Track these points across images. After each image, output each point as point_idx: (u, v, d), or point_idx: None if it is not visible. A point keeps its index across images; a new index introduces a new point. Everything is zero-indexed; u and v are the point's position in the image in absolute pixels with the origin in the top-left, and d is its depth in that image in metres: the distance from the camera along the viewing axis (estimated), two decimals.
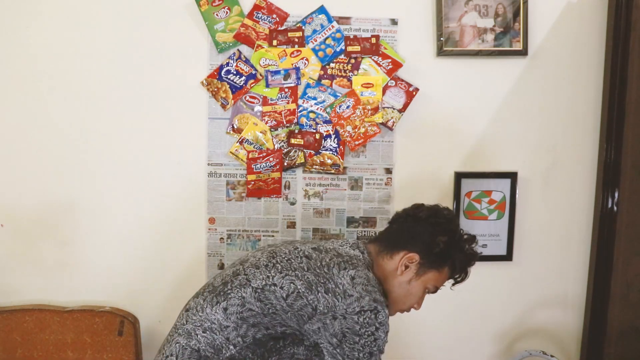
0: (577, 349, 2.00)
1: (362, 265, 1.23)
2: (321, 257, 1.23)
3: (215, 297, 1.21)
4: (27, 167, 1.84)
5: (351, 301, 1.13)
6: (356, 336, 1.11)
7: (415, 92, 1.83)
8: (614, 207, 1.84)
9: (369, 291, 1.15)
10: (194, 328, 1.20)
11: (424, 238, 1.30)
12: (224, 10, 1.79)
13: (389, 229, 1.39)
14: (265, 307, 1.17)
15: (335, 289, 1.15)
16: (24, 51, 1.79)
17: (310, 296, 1.15)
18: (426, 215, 1.33)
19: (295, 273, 1.18)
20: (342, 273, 1.18)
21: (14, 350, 1.83)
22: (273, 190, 1.85)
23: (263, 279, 1.19)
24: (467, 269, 1.36)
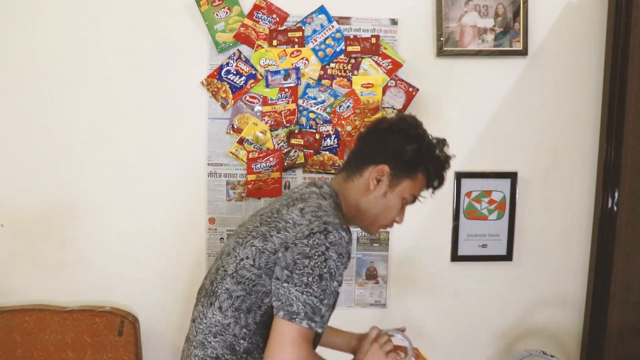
0: (577, 349, 2.00)
1: (316, 198, 1.17)
2: (272, 206, 1.20)
3: (209, 299, 1.18)
4: (27, 167, 1.84)
5: (300, 228, 1.09)
6: (306, 259, 1.05)
7: (415, 92, 1.83)
8: (614, 207, 1.84)
9: (318, 216, 1.10)
10: (205, 337, 1.15)
11: (390, 148, 1.23)
12: (224, 10, 1.79)
13: (353, 151, 1.31)
14: (246, 285, 1.12)
15: (285, 225, 1.12)
16: (24, 51, 1.79)
17: (267, 245, 1.11)
18: (388, 125, 1.26)
19: (252, 235, 1.15)
20: (290, 209, 1.14)
21: (14, 350, 1.83)
22: (273, 190, 1.85)
23: (234, 262, 1.15)
24: (442, 174, 1.28)
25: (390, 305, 1.95)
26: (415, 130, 1.26)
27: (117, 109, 1.82)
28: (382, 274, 1.93)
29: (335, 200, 1.21)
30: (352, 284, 1.93)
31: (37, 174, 1.84)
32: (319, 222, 1.08)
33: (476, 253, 1.92)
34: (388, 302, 1.95)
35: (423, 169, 1.25)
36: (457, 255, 1.92)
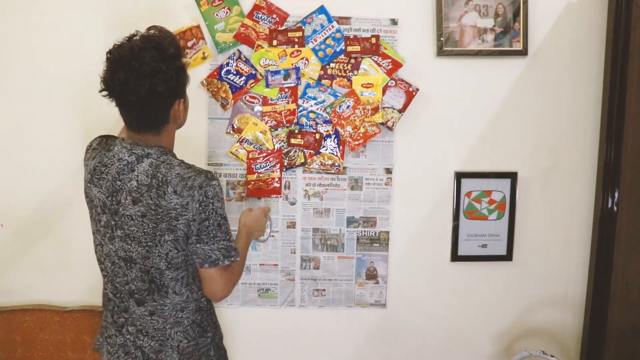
0: (577, 349, 2.00)
1: (165, 169, 1.23)
2: (138, 202, 1.24)
3: (158, 293, 1.29)
4: (27, 167, 1.84)
5: (189, 203, 1.22)
6: (206, 221, 1.24)
7: (415, 92, 1.83)
8: (614, 207, 1.84)
9: (190, 187, 1.23)
10: (175, 317, 1.32)
11: (171, 92, 1.24)
12: (224, 10, 1.79)
13: (139, 113, 1.26)
14: (183, 265, 1.29)
15: (176, 211, 1.22)
16: (24, 51, 1.79)
17: (178, 233, 1.24)
18: (164, 81, 1.21)
19: (157, 234, 1.23)
20: (167, 197, 1.21)
21: (14, 350, 1.83)
22: (273, 190, 1.85)
23: (160, 260, 1.26)
24: (174, 53, 1.26)
25: (390, 305, 1.95)
26: (170, 57, 1.24)
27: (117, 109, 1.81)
28: (382, 274, 1.93)
29: (173, 154, 1.31)
30: (352, 284, 1.93)
31: (37, 174, 1.84)
32: (197, 191, 1.21)
33: (476, 253, 1.92)
34: (388, 302, 1.95)
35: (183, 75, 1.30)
36: (457, 255, 1.92)
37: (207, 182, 1.23)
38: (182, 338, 1.31)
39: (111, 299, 1.33)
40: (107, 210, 1.26)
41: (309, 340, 1.96)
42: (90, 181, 1.29)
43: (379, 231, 1.91)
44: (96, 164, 1.29)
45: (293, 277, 1.92)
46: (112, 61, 1.20)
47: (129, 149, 1.25)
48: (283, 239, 1.90)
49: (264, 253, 1.90)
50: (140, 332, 1.30)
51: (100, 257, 1.33)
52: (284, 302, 1.93)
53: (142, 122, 1.26)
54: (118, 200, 1.24)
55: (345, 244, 1.91)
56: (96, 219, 1.30)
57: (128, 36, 1.24)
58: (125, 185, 1.23)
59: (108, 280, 1.33)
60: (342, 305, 1.94)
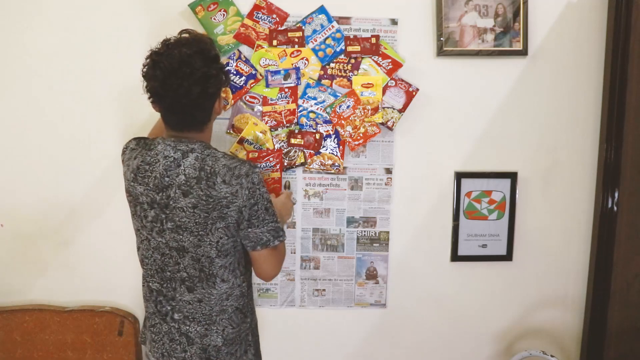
0: (577, 349, 2.00)
1: (211, 161, 1.31)
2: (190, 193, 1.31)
3: (206, 282, 1.36)
4: (27, 167, 1.84)
5: (238, 190, 1.31)
6: (256, 206, 1.34)
7: (415, 92, 1.83)
8: (614, 207, 1.84)
9: (238, 175, 1.31)
10: (220, 306, 1.40)
11: (216, 92, 1.35)
12: (221, 13, 1.79)
13: (188, 113, 1.34)
14: (231, 251, 1.37)
15: (227, 199, 1.30)
16: (24, 51, 1.79)
17: (229, 220, 1.32)
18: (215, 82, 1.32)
19: (209, 222, 1.31)
20: (217, 187, 1.29)
21: (14, 350, 1.83)
22: (273, 190, 1.85)
23: (211, 247, 1.33)
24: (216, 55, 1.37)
25: (390, 305, 1.95)
26: (213, 59, 1.34)
27: (117, 109, 1.82)
28: (382, 274, 1.93)
29: (214, 148, 1.38)
30: (352, 284, 1.93)
31: (37, 174, 1.84)
32: (245, 179, 1.30)
33: (476, 253, 1.92)
34: (388, 302, 1.95)
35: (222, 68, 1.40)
36: (457, 255, 1.92)
37: (252, 170, 1.32)
38: (227, 324, 1.39)
39: (155, 290, 1.40)
40: (155, 205, 1.32)
41: (309, 340, 1.96)
42: (134, 180, 1.34)
43: (379, 231, 1.91)
44: (139, 163, 1.34)
45: (293, 277, 1.92)
46: (163, 69, 1.27)
47: (174, 146, 1.32)
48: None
49: None
50: (187, 318, 1.37)
51: (147, 252, 1.39)
52: (284, 302, 1.93)
53: (189, 122, 1.34)
54: (168, 195, 1.30)
55: (345, 244, 1.91)
56: (141, 216, 1.35)
57: (164, 42, 1.32)
58: (173, 180, 1.30)
59: (154, 272, 1.39)
60: (342, 305, 1.94)
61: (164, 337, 1.40)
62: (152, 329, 1.42)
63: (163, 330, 1.40)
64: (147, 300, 1.45)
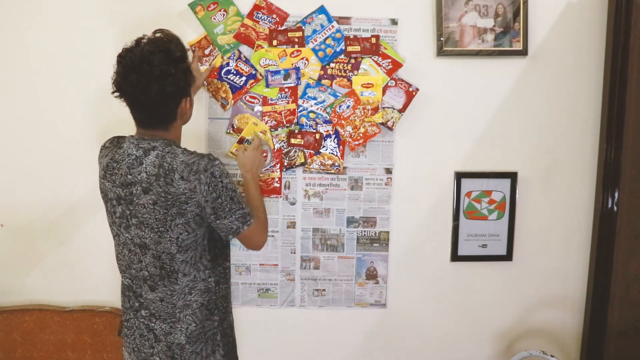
0: (577, 349, 2.00)
1: (170, 158, 1.32)
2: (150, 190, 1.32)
3: (168, 279, 1.36)
4: (27, 167, 1.84)
5: (198, 186, 1.31)
6: (220, 199, 1.35)
7: (415, 92, 1.83)
8: (614, 207, 1.84)
9: (196, 171, 1.31)
10: (184, 300, 1.39)
11: (179, 91, 1.34)
12: (221, 13, 1.79)
13: (152, 109, 1.35)
14: (192, 246, 1.37)
15: (186, 194, 1.30)
16: (24, 51, 1.80)
17: (188, 215, 1.32)
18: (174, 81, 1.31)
19: (168, 219, 1.31)
20: (175, 183, 1.30)
21: (14, 350, 1.83)
22: (273, 190, 1.85)
23: (171, 243, 1.33)
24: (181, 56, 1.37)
25: (390, 305, 1.95)
26: (176, 60, 1.34)
27: (117, 109, 1.81)
28: (382, 274, 1.93)
29: (177, 145, 1.39)
30: (352, 284, 1.93)
31: (37, 174, 1.84)
32: (203, 174, 1.30)
33: (476, 253, 1.92)
34: (388, 302, 1.95)
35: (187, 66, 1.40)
36: (457, 255, 1.92)
37: (211, 164, 1.32)
38: (191, 321, 1.39)
39: (128, 285, 1.43)
40: (122, 201, 1.35)
41: (309, 340, 1.96)
42: (104, 177, 1.38)
43: (379, 231, 1.91)
44: (108, 160, 1.38)
45: (293, 277, 1.92)
46: (124, 65, 1.30)
47: (136, 144, 1.34)
48: (283, 239, 1.90)
49: (264, 253, 1.90)
50: (153, 316, 1.39)
51: (118, 247, 1.42)
52: (284, 302, 1.93)
53: (152, 120, 1.36)
54: (131, 192, 1.33)
55: (345, 244, 1.91)
56: (111, 212, 1.39)
57: (136, 40, 1.33)
58: (136, 177, 1.32)
59: (125, 267, 1.42)
60: (342, 305, 1.94)
61: (135, 332, 1.42)
62: (126, 324, 1.45)
63: (135, 325, 1.42)
64: (122, 295, 1.47)
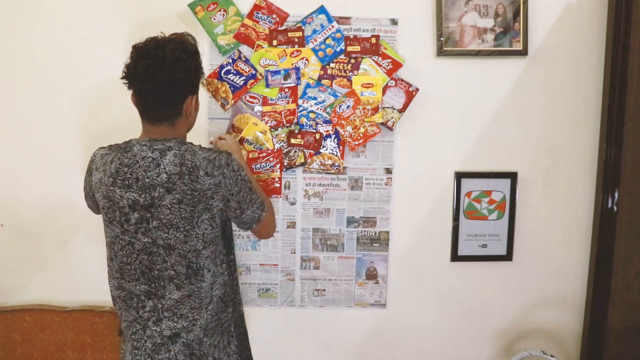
0: (577, 349, 2.00)
1: (190, 154, 1.32)
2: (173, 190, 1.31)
3: (195, 278, 1.35)
4: (28, 167, 1.84)
5: (220, 180, 1.32)
6: (242, 192, 1.38)
7: (415, 92, 1.83)
8: (614, 207, 1.84)
9: (218, 166, 1.32)
10: (209, 295, 1.39)
11: (187, 85, 1.34)
12: (220, 13, 1.79)
13: (158, 106, 1.35)
14: (214, 240, 1.39)
15: (211, 189, 1.31)
16: (24, 51, 1.80)
17: (214, 210, 1.34)
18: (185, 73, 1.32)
19: (195, 215, 1.32)
20: (200, 179, 1.30)
21: (14, 350, 1.83)
22: (273, 190, 1.85)
23: (197, 240, 1.34)
24: (195, 51, 1.37)
25: (390, 305, 1.95)
26: (189, 54, 1.34)
27: (117, 109, 1.82)
28: (382, 274, 1.93)
29: (190, 142, 1.38)
30: (352, 284, 1.93)
31: (38, 174, 1.84)
32: (226, 168, 1.33)
33: (476, 253, 1.92)
34: (388, 302, 1.95)
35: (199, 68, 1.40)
36: (457, 255, 1.92)
37: (230, 159, 1.34)
38: (210, 315, 1.38)
39: (143, 292, 1.35)
40: (138, 207, 1.30)
41: (309, 340, 1.96)
42: (113, 184, 1.31)
43: (379, 231, 1.91)
44: (117, 166, 1.31)
45: (293, 277, 1.92)
46: (137, 51, 1.30)
47: (150, 146, 1.31)
48: (283, 239, 1.90)
49: (264, 253, 1.90)
50: (175, 315, 1.35)
51: (129, 257, 1.34)
52: (284, 302, 1.93)
53: (158, 112, 1.34)
54: (152, 195, 1.29)
55: (345, 244, 1.91)
56: (121, 220, 1.32)
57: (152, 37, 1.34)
58: (155, 180, 1.29)
59: (140, 274, 1.35)
60: (342, 305, 1.94)
61: (147, 342, 1.35)
62: (134, 337, 1.37)
63: (146, 335, 1.35)
64: (127, 309, 1.38)
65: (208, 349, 1.38)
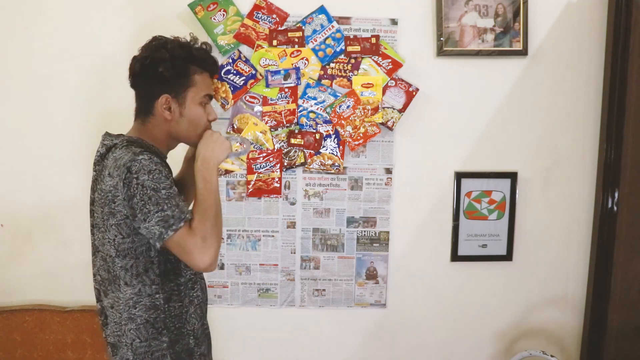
0: (577, 349, 2.00)
1: (121, 154, 1.20)
2: (95, 188, 1.27)
3: (114, 284, 1.26)
4: (28, 167, 1.84)
5: (119, 183, 1.18)
6: (134, 198, 1.16)
7: (415, 92, 1.83)
8: (614, 207, 1.84)
9: (118, 166, 1.18)
10: (129, 312, 1.26)
11: (154, 80, 1.27)
12: (220, 13, 1.79)
13: (136, 99, 1.34)
14: (131, 253, 1.24)
15: (113, 193, 1.19)
16: (24, 51, 1.80)
17: (117, 216, 1.20)
18: (139, 65, 1.29)
19: (104, 218, 1.23)
20: (104, 180, 1.21)
21: (14, 350, 1.83)
22: (273, 190, 1.85)
23: (110, 246, 1.23)
24: (203, 55, 1.33)
25: (390, 305, 1.95)
26: (154, 48, 1.30)
27: (117, 109, 1.82)
28: (382, 274, 1.93)
29: (140, 143, 1.26)
30: (352, 284, 1.93)
31: (37, 174, 1.84)
32: (121, 169, 1.16)
33: (476, 253, 1.92)
34: (388, 302, 1.95)
35: (191, 70, 1.31)
36: (457, 255, 1.92)
37: (132, 158, 1.16)
38: (135, 337, 1.26)
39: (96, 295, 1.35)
40: (90, 204, 1.30)
41: (309, 340, 1.96)
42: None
43: (379, 231, 1.91)
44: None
45: (293, 277, 1.92)
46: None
47: (102, 141, 1.28)
48: (283, 239, 1.90)
49: (264, 253, 1.90)
50: (108, 324, 1.31)
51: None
52: (284, 302, 1.93)
53: (136, 104, 1.32)
54: (93, 192, 1.28)
55: (345, 244, 1.91)
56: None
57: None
58: (95, 177, 1.27)
59: (94, 274, 1.34)
60: (342, 305, 1.94)
61: (103, 335, 1.35)
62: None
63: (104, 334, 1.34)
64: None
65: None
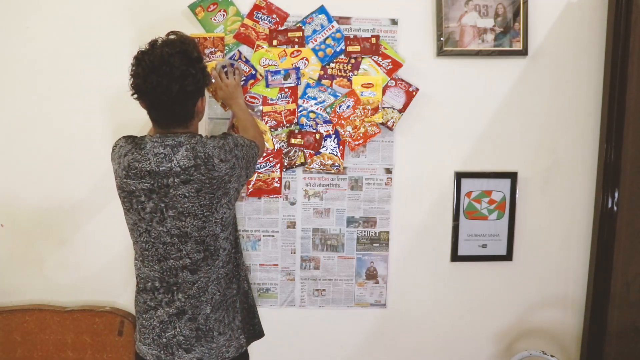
0: (577, 349, 2.00)
1: (193, 145, 1.36)
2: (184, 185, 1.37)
3: (211, 259, 1.42)
4: (27, 167, 1.84)
5: (222, 153, 1.39)
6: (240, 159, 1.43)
7: (415, 92, 1.83)
8: (614, 207, 1.84)
9: (221, 145, 1.40)
10: (217, 273, 1.45)
11: (193, 90, 1.37)
12: (221, 13, 1.79)
13: (177, 108, 1.39)
14: (230, 220, 1.48)
15: (220, 173, 1.38)
16: (24, 51, 1.79)
17: (230, 188, 1.42)
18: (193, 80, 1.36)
19: (214, 201, 1.38)
20: (214, 164, 1.37)
21: (14, 350, 1.83)
22: (273, 190, 1.85)
23: (216, 225, 1.41)
24: (198, 57, 1.41)
25: (390, 305, 1.95)
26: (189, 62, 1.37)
27: (117, 109, 1.82)
28: (382, 274, 1.93)
29: (200, 134, 1.43)
30: (352, 284, 1.93)
31: (37, 174, 1.84)
32: (230, 150, 1.40)
33: (476, 253, 1.92)
34: (388, 302, 1.95)
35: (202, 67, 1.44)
36: (457, 255, 1.92)
37: (233, 139, 1.44)
38: (216, 291, 1.44)
39: (157, 277, 1.41)
40: (153, 195, 1.35)
41: (309, 340, 1.96)
42: (126, 177, 1.37)
43: (379, 231, 1.91)
44: (130, 161, 1.36)
45: (293, 277, 1.92)
46: (144, 67, 1.33)
47: (161, 143, 1.36)
48: (283, 239, 1.90)
49: (264, 253, 1.90)
50: (185, 295, 1.41)
51: (147, 244, 1.40)
52: (284, 302, 1.93)
53: (171, 119, 1.39)
54: (166, 184, 1.34)
55: (345, 244, 1.91)
56: (138, 208, 1.37)
57: (151, 42, 1.37)
58: (167, 171, 1.34)
59: (157, 261, 1.40)
60: (342, 305, 1.94)
61: (155, 321, 1.42)
62: (144, 316, 1.44)
63: (156, 314, 1.42)
64: (144, 290, 1.45)
65: (213, 323, 1.44)
